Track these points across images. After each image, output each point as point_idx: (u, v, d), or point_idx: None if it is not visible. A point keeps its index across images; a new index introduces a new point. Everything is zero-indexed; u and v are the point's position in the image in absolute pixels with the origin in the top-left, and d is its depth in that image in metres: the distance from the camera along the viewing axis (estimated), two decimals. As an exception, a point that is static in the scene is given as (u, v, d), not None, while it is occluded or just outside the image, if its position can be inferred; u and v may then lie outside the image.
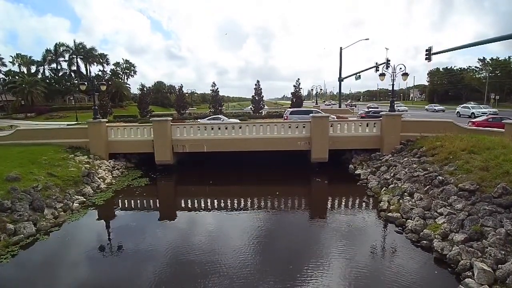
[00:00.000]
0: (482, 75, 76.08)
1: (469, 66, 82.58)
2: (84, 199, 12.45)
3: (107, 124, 18.90)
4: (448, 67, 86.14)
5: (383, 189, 12.17)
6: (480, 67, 77.53)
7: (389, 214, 10.07)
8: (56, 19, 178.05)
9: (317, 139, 16.55)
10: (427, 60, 23.13)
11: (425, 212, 9.37)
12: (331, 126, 17.06)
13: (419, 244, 8.40)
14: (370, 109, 32.96)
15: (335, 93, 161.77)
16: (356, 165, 16.44)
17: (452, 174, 10.83)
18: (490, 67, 71.65)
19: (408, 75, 16.66)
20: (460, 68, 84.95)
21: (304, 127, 17.17)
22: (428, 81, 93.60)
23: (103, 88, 19.45)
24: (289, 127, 17.33)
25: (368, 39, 40.94)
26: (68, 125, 31.60)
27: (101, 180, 14.64)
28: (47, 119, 50.56)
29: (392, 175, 12.94)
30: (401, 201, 10.49)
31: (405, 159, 14.02)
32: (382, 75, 17.08)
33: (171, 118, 18.37)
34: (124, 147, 18.16)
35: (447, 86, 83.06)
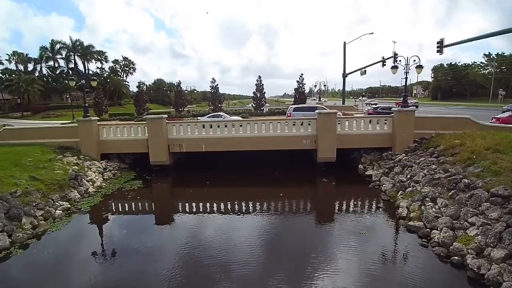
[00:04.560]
0: (487, 71, 74.63)
1: (474, 62, 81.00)
2: (69, 205, 11.30)
3: (98, 123, 17.78)
4: (453, 63, 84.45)
5: (399, 193, 10.97)
6: (485, 62, 76.02)
7: (410, 223, 8.88)
8: (61, 18, 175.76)
9: (324, 138, 15.34)
10: (438, 53, 21.85)
11: (454, 221, 8.17)
12: (339, 123, 15.83)
13: (449, 260, 7.22)
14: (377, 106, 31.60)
15: (336, 90, 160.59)
16: (366, 165, 15.25)
17: (478, 176, 9.65)
18: (496, 63, 70.14)
19: (422, 67, 15.40)
20: (465, 64, 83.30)
21: (309, 124, 15.95)
22: (432, 77, 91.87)
23: (94, 83, 18.27)
24: (293, 124, 16.12)
25: (372, 33, 39.45)
26: (62, 123, 30.48)
27: (90, 183, 13.50)
28: (44, 118, 49.49)
29: (408, 177, 11.73)
30: (422, 207, 9.29)
31: (422, 159, 12.82)
32: (395, 67, 15.83)
33: (167, 116, 17.14)
34: (117, 147, 17.01)
35: (452, 82, 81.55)
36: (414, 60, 15.09)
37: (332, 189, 13.93)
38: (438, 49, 21.92)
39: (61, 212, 10.72)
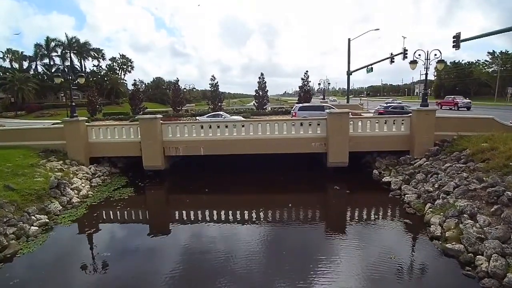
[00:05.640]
0: (492, 69, 73.26)
1: (478, 60, 79.62)
2: (47, 220, 9.84)
3: (90, 123, 16.35)
4: (456, 61, 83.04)
5: (427, 206, 9.55)
6: (489, 61, 74.59)
7: (448, 245, 7.44)
8: (61, 17, 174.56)
9: (335, 140, 13.92)
10: (455, 48, 20.55)
11: (503, 245, 6.75)
12: (351, 124, 14.39)
13: (506, 298, 5.83)
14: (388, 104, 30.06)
15: (337, 89, 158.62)
16: (382, 171, 13.84)
17: (522, 187, 8.25)
18: (500, 61, 68.73)
19: (444, 62, 13.96)
20: (469, 62, 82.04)
21: (318, 125, 14.53)
22: (434, 76, 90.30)
23: (82, 81, 16.85)
24: (301, 125, 14.67)
25: (378, 29, 38.16)
26: (54, 123, 28.97)
27: (75, 191, 12.06)
28: (38, 118, 47.92)
29: (436, 186, 10.29)
30: (460, 225, 7.86)
31: (447, 164, 11.40)
32: (414, 62, 14.34)
33: (161, 116, 15.69)
34: (108, 150, 15.57)
35: (455, 81, 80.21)
36: (435, 55, 13.63)
37: (347, 199, 12.40)
38: (454, 43, 20.54)
39: (37, 228, 9.26)
